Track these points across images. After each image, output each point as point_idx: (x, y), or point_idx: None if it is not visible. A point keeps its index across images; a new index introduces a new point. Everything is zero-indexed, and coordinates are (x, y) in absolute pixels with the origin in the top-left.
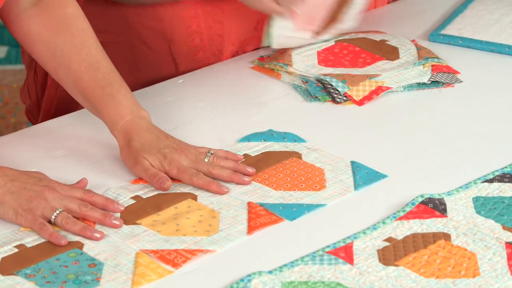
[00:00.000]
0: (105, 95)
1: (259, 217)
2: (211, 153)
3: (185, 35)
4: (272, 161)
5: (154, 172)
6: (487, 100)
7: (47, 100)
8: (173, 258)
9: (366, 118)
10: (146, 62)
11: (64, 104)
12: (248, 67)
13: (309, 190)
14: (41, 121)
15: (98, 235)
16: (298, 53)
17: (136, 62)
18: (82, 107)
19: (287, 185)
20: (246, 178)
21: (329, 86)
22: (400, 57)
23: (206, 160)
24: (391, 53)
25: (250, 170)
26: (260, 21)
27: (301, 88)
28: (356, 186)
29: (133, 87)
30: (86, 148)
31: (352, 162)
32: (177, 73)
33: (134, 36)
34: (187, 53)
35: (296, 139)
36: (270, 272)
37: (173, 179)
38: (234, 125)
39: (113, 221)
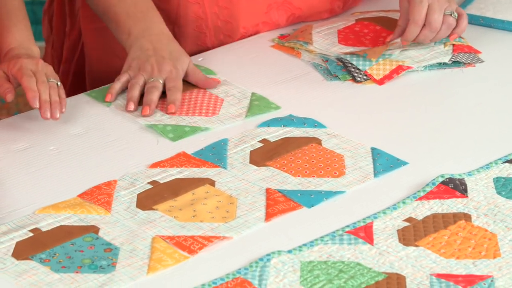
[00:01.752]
0: (1, 26)
1: (277, 203)
2: (57, 84)
3: (190, 20)
4: (291, 147)
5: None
6: (509, 80)
7: (63, 74)
8: (190, 245)
9: (386, 98)
10: None
11: (79, 79)
12: (268, 45)
13: (328, 177)
14: None
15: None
16: (318, 31)
17: None
18: (101, 85)
19: (306, 172)
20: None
21: (350, 65)
22: None
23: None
24: None
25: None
26: (271, 6)
27: (321, 67)
28: (376, 173)
29: None
30: (104, 129)
31: (373, 149)
32: None
33: None
34: (192, 38)
35: (316, 124)
36: (289, 251)
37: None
38: None
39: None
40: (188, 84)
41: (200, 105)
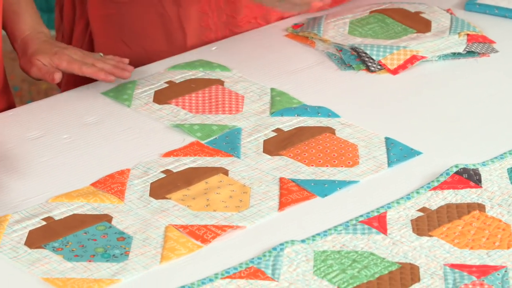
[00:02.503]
0: (11, 12)
1: (291, 193)
2: (100, 55)
3: (197, 16)
4: (305, 136)
5: (46, 69)
6: None
7: None
8: (203, 234)
9: (400, 88)
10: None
11: None
12: (282, 34)
13: (342, 167)
14: (65, 85)
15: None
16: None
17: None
18: None
19: (320, 161)
20: (126, 73)
21: (364, 54)
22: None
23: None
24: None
25: (130, 67)
26: None
27: (335, 57)
28: (390, 163)
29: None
30: (117, 116)
31: (386, 139)
32: (185, 45)
33: None
34: (198, 35)
35: (330, 114)
36: (303, 241)
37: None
38: None
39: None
40: (205, 81)
41: (222, 103)
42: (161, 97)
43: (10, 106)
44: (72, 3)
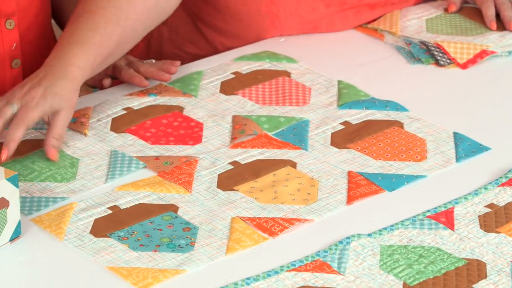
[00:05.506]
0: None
1: (359, 187)
2: (152, 61)
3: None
4: (373, 129)
5: (98, 77)
6: None
7: None
8: (270, 227)
9: (470, 82)
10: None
11: None
12: None
13: (410, 161)
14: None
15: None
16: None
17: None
18: None
19: (387, 155)
20: (165, 76)
21: (433, 48)
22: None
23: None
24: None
25: (174, 68)
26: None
27: (404, 50)
28: (458, 158)
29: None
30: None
31: (455, 134)
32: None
33: None
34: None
35: (398, 107)
36: (369, 235)
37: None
38: None
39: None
40: (271, 72)
41: (289, 95)
42: (227, 88)
43: None
44: None
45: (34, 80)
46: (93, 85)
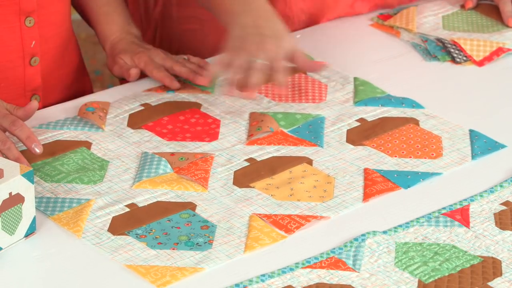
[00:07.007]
0: (102, 13)
1: (375, 184)
2: (184, 58)
3: None
4: (389, 126)
5: (127, 67)
6: None
7: None
8: (287, 224)
9: (486, 80)
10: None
11: None
12: (367, 24)
13: (425, 158)
14: None
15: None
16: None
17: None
18: None
19: (403, 152)
20: (199, 79)
21: (449, 45)
22: None
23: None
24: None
25: (207, 74)
26: None
27: (420, 47)
28: (474, 156)
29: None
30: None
31: (471, 131)
32: None
33: None
34: None
35: (414, 105)
36: (384, 232)
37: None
38: None
39: (34, 148)
40: (288, 69)
41: (306, 91)
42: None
43: (86, 90)
44: (139, 17)
45: (250, 33)
46: (120, 75)
